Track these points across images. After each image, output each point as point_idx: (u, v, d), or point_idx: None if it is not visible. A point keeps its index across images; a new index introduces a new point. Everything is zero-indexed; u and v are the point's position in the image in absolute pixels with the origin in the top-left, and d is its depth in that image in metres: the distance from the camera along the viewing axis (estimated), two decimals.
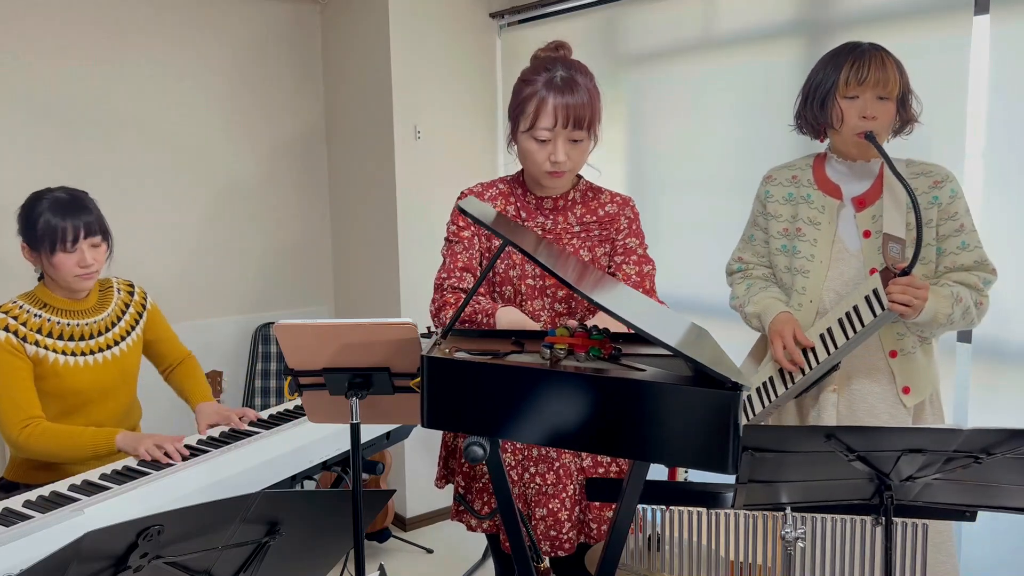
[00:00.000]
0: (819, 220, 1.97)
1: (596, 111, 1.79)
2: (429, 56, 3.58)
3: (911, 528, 1.59)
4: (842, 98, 1.86)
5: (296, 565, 1.41)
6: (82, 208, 2.18)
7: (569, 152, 1.78)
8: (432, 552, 3.57)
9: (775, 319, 1.98)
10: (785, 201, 2.04)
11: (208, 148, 3.62)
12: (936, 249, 1.90)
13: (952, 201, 1.88)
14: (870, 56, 1.84)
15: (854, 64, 1.84)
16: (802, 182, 2.02)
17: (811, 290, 1.97)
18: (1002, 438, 1.29)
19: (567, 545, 1.83)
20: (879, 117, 1.84)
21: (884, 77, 1.82)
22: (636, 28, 3.20)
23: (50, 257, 2.16)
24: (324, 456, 2.21)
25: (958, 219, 1.88)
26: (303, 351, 1.51)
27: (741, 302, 2.10)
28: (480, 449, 1.21)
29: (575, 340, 1.30)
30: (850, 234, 1.95)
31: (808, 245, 1.98)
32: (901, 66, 1.88)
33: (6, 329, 2.13)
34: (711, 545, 1.71)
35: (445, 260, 1.89)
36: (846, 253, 1.95)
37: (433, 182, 3.66)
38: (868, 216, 1.93)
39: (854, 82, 1.84)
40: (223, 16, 3.60)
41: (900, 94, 1.86)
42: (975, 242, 1.89)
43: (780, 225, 2.05)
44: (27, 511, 1.79)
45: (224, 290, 3.73)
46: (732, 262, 2.19)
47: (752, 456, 1.37)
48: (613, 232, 1.91)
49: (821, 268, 1.96)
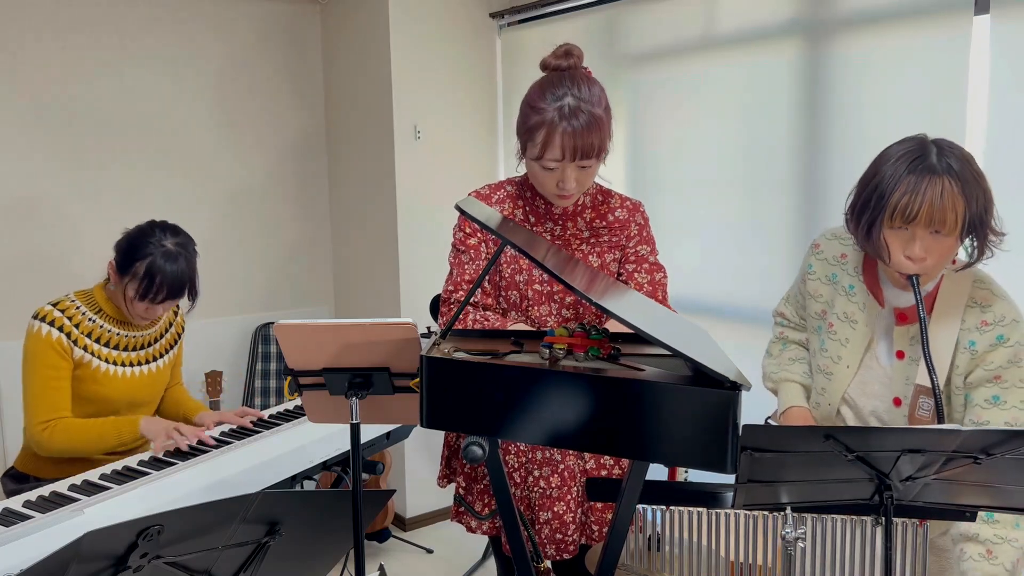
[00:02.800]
0: (856, 319, 1.71)
1: (605, 137, 1.73)
2: (429, 56, 3.58)
3: (911, 528, 1.59)
4: (889, 228, 1.53)
5: (296, 565, 1.41)
6: (184, 281, 2.20)
7: (578, 177, 1.74)
8: (432, 552, 3.57)
9: (788, 413, 1.84)
10: (827, 281, 1.78)
11: (208, 148, 3.62)
12: (965, 396, 1.62)
13: (993, 349, 1.57)
14: (929, 183, 1.48)
15: (907, 193, 1.49)
16: (848, 268, 1.74)
17: (831, 393, 1.77)
18: (1001, 438, 1.29)
19: (572, 548, 1.83)
20: (931, 256, 1.52)
21: (940, 214, 1.47)
22: (636, 28, 3.20)
23: (132, 298, 2.19)
24: (324, 456, 2.21)
25: (994, 369, 1.57)
26: (303, 351, 1.51)
27: (768, 369, 1.95)
28: (479, 449, 1.21)
29: (574, 340, 1.30)
30: (884, 347, 1.70)
31: (837, 345, 1.74)
32: (974, 185, 1.50)
33: (60, 329, 2.16)
34: (711, 545, 1.71)
35: (452, 271, 1.86)
36: (876, 364, 1.71)
37: (433, 182, 3.66)
38: (907, 335, 1.67)
39: (900, 218, 1.50)
40: (223, 16, 3.60)
41: (965, 228, 1.50)
42: (1015, 402, 1.56)
43: (818, 306, 1.80)
44: (27, 511, 1.79)
45: (224, 290, 3.73)
46: (775, 313, 2.00)
47: (751, 456, 1.36)
48: (623, 239, 1.88)
49: (847, 374, 1.73)
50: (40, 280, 3.24)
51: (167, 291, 2.17)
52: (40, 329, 2.15)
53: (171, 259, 2.17)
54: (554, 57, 1.78)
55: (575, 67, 1.77)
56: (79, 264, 3.33)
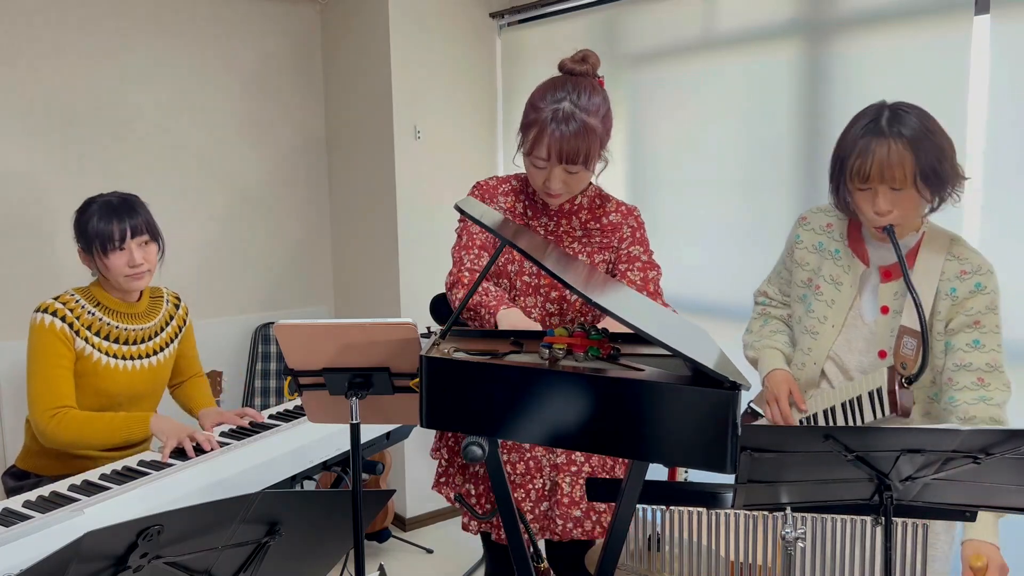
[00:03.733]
0: (841, 281, 1.84)
1: (594, 146, 1.76)
2: (429, 56, 3.58)
3: (911, 528, 1.59)
4: (854, 190, 1.70)
5: (296, 565, 1.41)
6: (130, 210, 2.24)
7: (565, 180, 1.79)
8: (432, 552, 3.57)
9: (770, 377, 1.92)
10: (814, 250, 1.90)
11: (207, 149, 3.62)
12: (945, 343, 1.73)
13: (972, 296, 1.69)
14: (876, 146, 1.63)
15: (859, 157, 1.65)
16: (834, 234, 1.87)
17: (817, 352, 1.87)
18: (1001, 438, 1.29)
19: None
20: (897, 208, 1.66)
21: (889, 172, 1.62)
22: (636, 28, 3.20)
23: (103, 258, 2.21)
24: (324, 456, 2.21)
25: (974, 314, 1.69)
26: (303, 351, 1.51)
27: (749, 340, 2.05)
28: (479, 449, 1.21)
29: (574, 340, 1.30)
30: (870, 304, 1.82)
31: (823, 306, 1.86)
32: (922, 141, 1.63)
33: (63, 319, 2.18)
34: (711, 545, 1.71)
35: (462, 237, 1.89)
36: (860, 322, 1.83)
37: (433, 182, 3.66)
38: (891, 290, 1.79)
39: (857, 179, 1.67)
40: (223, 18, 3.60)
41: (917, 179, 1.63)
42: (992, 345, 1.68)
43: (804, 274, 1.92)
44: (27, 511, 1.79)
45: (224, 290, 3.73)
46: (757, 293, 2.11)
47: (751, 456, 1.37)
48: (615, 241, 1.90)
49: (832, 332, 1.84)
50: (40, 280, 3.24)
51: (119, 228, 2.19)
52: (43, 320, 2.17)
53: (112, 205, 2.22)
54: (571, 60, 1.82)
55: (587, 74, 1.81)
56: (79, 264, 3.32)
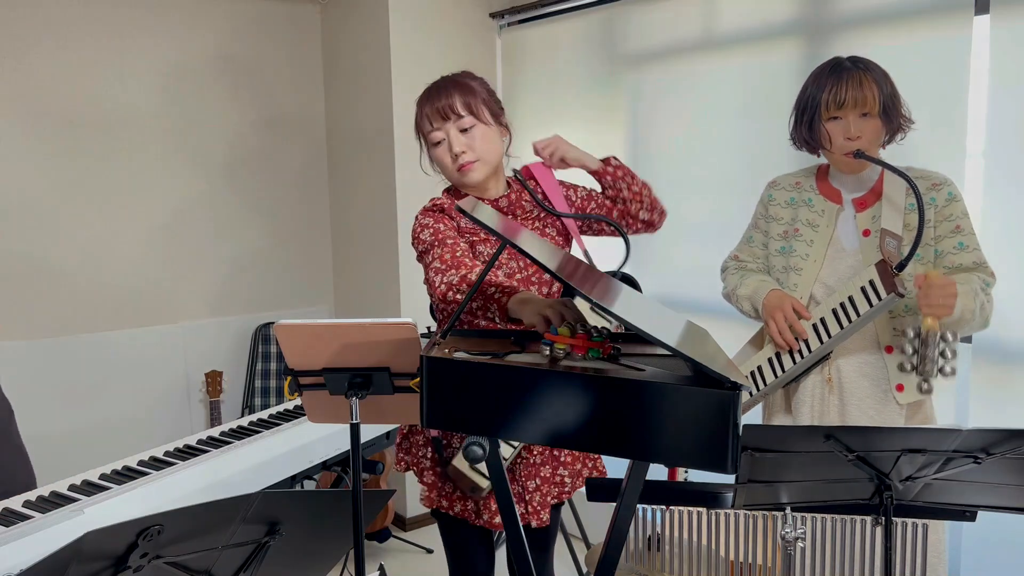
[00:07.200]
0: (818, 223, 2.01)
1: (473, 99, 1.83)
2: (429, 56, 3.58)
3: (911, 528, 1.59)
4: (826, 121, 1.91)
5: (296, 565, 1.41)
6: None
7: (466, 142, 1.83)
8: (432, 552, 3.57)
9: (768, 297, 2.01)
10: (787, 205, 2.09)
11: (207, 148, 3.62)
12: (933, 251, 1.93)
13: (948, 204, 1.91)
14: (847, 77, 1.88)
15: (832, 88, 1.89)
16: (804, 187, 2.07)
17: (803, 286, 2.00)
18: (1001, 438, 1.29)
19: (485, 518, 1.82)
20: (864, 135, 1.89)
21: (861, 96, 1.87)
22: (636, 28, 3.20)
23: None
24: (324, 456, 2.21)
25: (954, 220, 1.91)
26: (303, 351, 1.51)
27: (733, 286, 2.13)
28: (480, 449, 1.21)
29: (575, 341, 1.30)
30: (848, 234, 1.98)
31: (804, 245, 2.02)
32: (883, 77, 1.90)
33: None
34: (711, 545, 1.71)
35: (433, 261, 1.76)
36: (842, 252, 1.98)
37: (433, 182, 3.65)
38: (868, 216, 1.97)
39: (833, 106, 1.89)
40: (223, 16, 3.60)
41: (882, 107, 1.89)
42: (974, 244, 1.91)
43: (780, 228, 2.08)
44: (27, 511, 1.79)
45: (224, 290, 3.73)
46: (727, 260, 2.22)
47: (752, 456, 1.37)
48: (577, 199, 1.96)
49: (815, 267, 2.00)
50: (40, 280, 3.24)
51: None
52: None
53: None
54: None
55: None
56: (79, 264, 3.33)
